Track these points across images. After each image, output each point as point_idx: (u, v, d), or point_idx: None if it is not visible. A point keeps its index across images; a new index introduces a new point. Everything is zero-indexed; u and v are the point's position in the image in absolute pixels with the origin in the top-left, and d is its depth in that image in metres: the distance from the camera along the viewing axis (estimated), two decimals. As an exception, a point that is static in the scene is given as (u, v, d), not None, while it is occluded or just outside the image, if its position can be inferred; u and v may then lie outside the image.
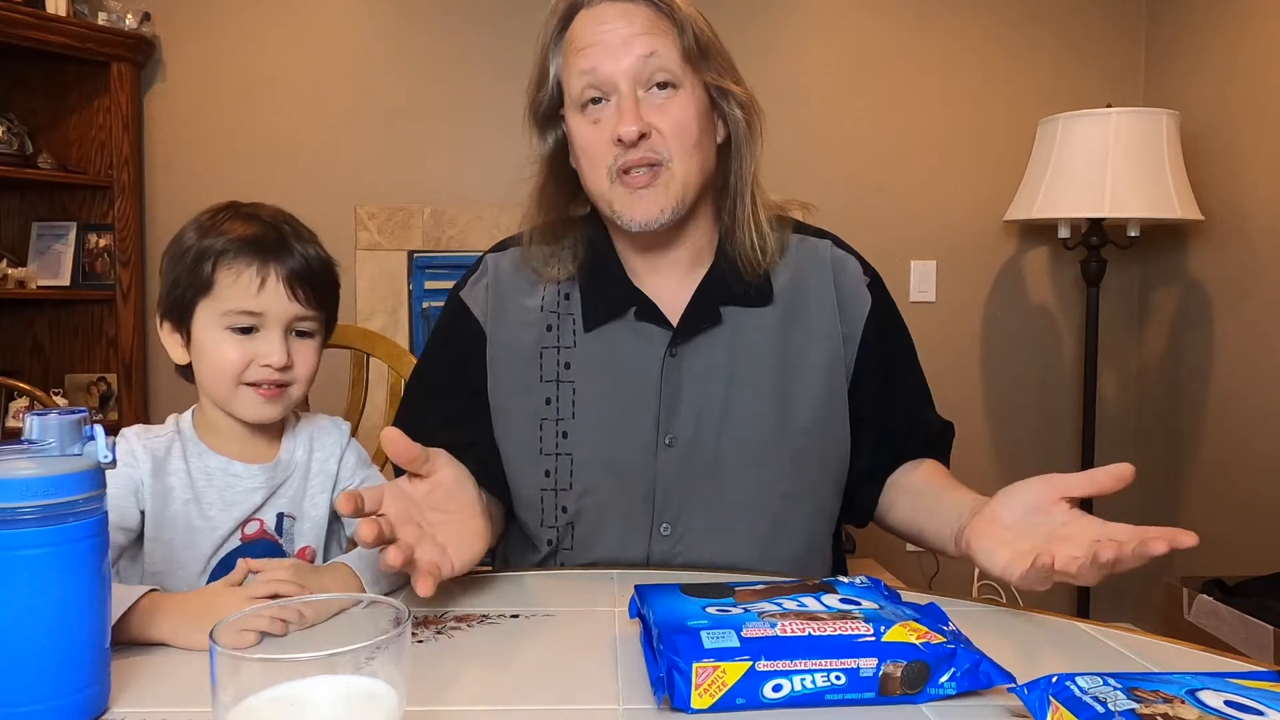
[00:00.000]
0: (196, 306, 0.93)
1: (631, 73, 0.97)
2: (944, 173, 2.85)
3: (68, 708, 0.62)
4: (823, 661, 0.65)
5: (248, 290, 0.91)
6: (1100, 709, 0.56)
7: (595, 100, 0.99)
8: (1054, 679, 0.60)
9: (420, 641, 0.79)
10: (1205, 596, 2.02)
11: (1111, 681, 0.60)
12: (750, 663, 0.64)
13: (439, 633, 0.82)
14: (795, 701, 0.65)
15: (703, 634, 0.66)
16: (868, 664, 0.65)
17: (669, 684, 0.64)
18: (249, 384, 0.93)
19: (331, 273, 0.98)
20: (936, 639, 0.67)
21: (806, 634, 0.66)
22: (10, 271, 2.53)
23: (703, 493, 1.04)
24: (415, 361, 1.44)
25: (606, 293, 1.07)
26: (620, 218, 1.00)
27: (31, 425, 0.65)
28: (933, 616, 0.72)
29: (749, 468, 1.04)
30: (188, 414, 1.00)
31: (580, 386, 1.05)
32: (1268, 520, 2.36)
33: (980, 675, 0.67)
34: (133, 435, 0.95)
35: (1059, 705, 0.58)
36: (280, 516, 0.98)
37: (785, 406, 1.05)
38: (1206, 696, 0.58)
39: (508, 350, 1.07)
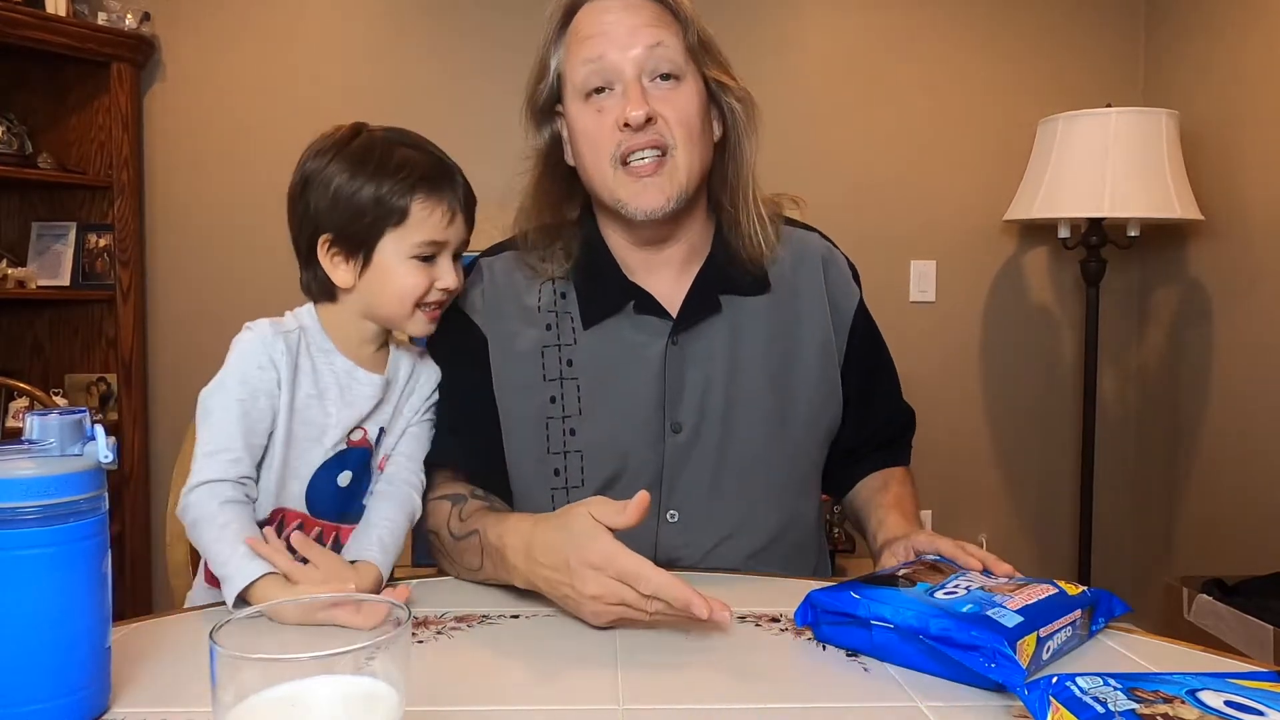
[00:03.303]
0: (384, 236, 0.96)
1: (638, 61, 0.99)
2: (944, 173, 2.84)
3: (68, 708, 0.63)
4: (1063, 619, 0.75)
5: (440, 223, 0.98)
6: (1100, 709, 0.56)
7: (599, 90, 1.01)
8: (1054, 679, 0.60)
9: (420, 641, 0.80)
10: (1205, 596, 2.02)
11: (1111, 681, 0.60)
12: (1037, 632, 0.71)
13: (439, 633, 0.82)
14: (1055, 656, 0.74)
15: (989, 614, 0.71)
16: (1078, 616, 0.77)
17: (1006, 665, 0.67)
18: (421, 306, 0.99)
19: (475, 198, 1.05)
20: (1081, 587, 0.81)
21: (1037, 600, 0.75)
22: (10, 271, 2.53)
23: (708, 477, 1.06)
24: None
25: (603, 289, 1.07)
26: (625, 206, 1.01)
27: (31, 425, 0.65)
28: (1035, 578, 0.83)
29: (752, 450, 1.06)
30: (308, 311, 1.02)
31: (585, 383, 1.06)
32: (1268, 520, 2.36)
33: (1114, 608, 0.81)
34: (269, 332, 0.96)
35: (1059, 705, 0.58)
36: (380, 431, 1.02)
37: (784, 388, 1.08)
38: (1206, 696, 0.58)
39: (509, 351, 1.07)
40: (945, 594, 0.77)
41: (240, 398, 0.93)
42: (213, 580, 0.98)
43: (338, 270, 0.98)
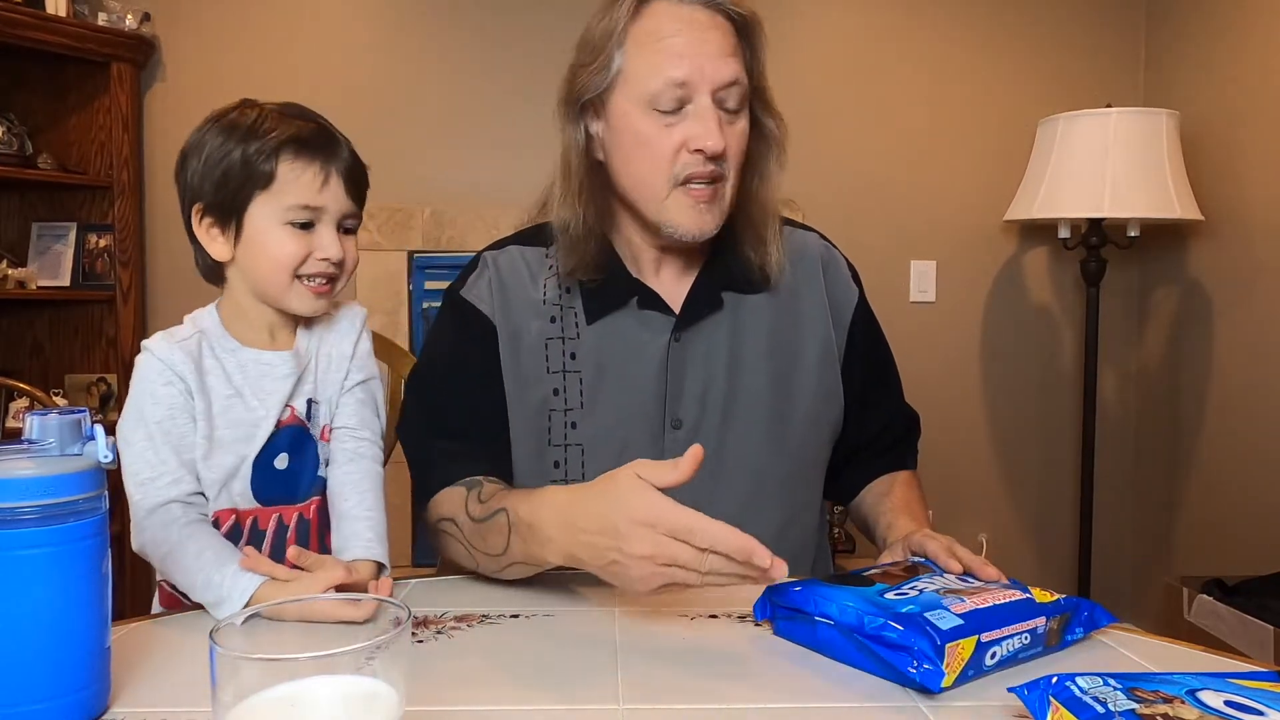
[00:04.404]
0: (252, 200, 0.93)
1: (715, 91, 0.99)
2: (944, 173, 2.84)
3: (68, 708, 0.63)
4: (1017, 625, 0.73)
5: (310, 186, 0.94)
6: (1100, 709, 0.56)
7: (673, 111, 0.99)
8: (1054, 679, 0.60)
9: (420, 641, 0.80)
10: (1205, 596, 2.02)
11: (1111, 681, 0.60)
12: (977, 636, 0.70)
13: (439, 633, 0.82)
14: (1001, 664, 0.72)
15: (928, 615, 0.70)
16: (1041, 623, 0.74)
17: (927, 669, 0.67)
18: (302, 278, 0.95)
19: (366, 171, 1.01)
20: (1058, 595, 0.78)
21: (991, 605, 0.73)
22: (10, 272, 2.53)
23: (707, 474, 1.03)
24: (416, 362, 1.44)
25: (607, 285, 1.08)
26: (674, 226, 1.02)
27: (31, 425, 0.65)
28: (1014, 583, 0.81)
29: (752, 448, 1.07)
30: (209, 312, 0.99)
31: (587, 376, 1.07)
32: (1268, 520, 2.36)
33: (1099, 619, 0.79)
34: (163, 347, 0.93)
35: (1059, 705, 0.58)
36: (309, 403, 1.00)
37: (785, 387, 1.09)
38: (1206, 696, 0.58)
39: (515, 341, 1.08)
40: (896, 594, 0.76)
41: (158, 419, 0.91)
42: (170, 602, 0.98)
43: (214, 243, 0.96)
